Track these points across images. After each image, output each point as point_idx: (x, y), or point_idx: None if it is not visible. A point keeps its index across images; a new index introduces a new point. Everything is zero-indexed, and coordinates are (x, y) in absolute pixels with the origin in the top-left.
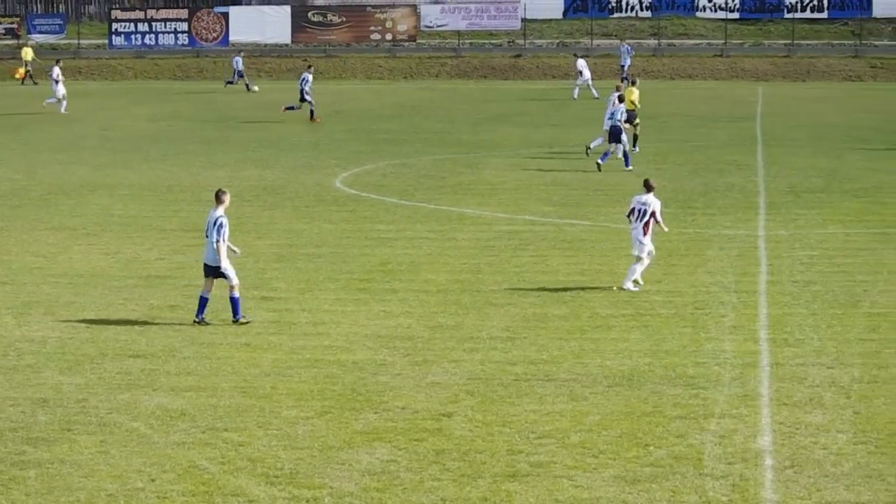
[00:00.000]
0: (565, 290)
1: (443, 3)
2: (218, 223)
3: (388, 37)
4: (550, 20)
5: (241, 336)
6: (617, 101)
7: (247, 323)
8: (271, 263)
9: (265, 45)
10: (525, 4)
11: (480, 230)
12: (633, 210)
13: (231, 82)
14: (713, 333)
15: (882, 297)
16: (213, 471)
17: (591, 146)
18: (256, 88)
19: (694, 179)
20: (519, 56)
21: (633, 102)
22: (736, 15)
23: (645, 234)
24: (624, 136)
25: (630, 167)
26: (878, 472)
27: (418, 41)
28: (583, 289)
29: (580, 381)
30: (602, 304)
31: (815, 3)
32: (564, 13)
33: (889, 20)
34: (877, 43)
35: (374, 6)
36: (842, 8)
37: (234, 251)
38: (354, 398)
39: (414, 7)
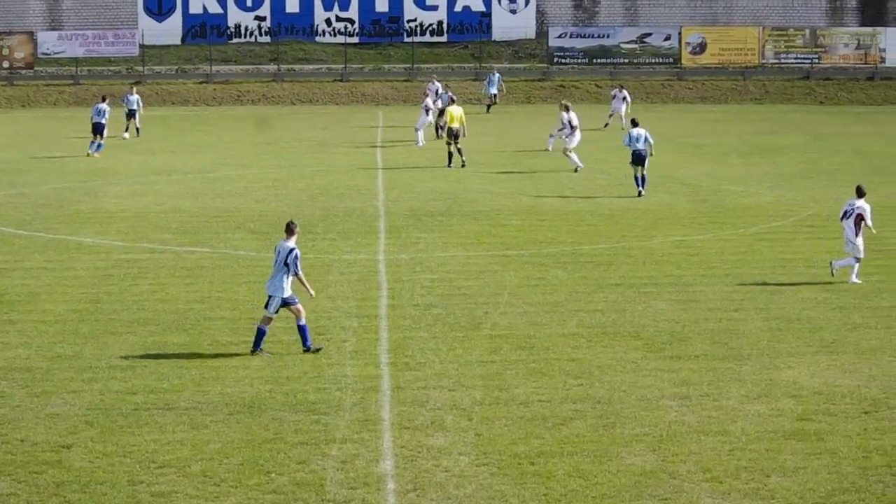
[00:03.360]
0: (185, 317)
1: (60, 29)
2: (294, 255)
3: (5, 64)
4: (169, 46)
5: None
6: (630, 126)
7: (317, 350)
8: None
9: None
10: (143, 31)
11: (99, 259)
12: (845, 212)
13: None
14: (334, 359)
15: (503, 318)
16: None
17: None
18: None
19: (314, 204)
20: (138, 83)
21: (460, 119)
22: (356, 39)
23: (857, 234)
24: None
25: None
26: (501, 493)
27: (36, 69)
28: (203, 316)
29: (201, 410)
30: (223, 331)
31: (435, 26)
32: (183, 39)
33: (508, 43)
34: (497, 66)
35: None
36: (461, 31)
37: (311, 294)
38: None
39: (31, 34)
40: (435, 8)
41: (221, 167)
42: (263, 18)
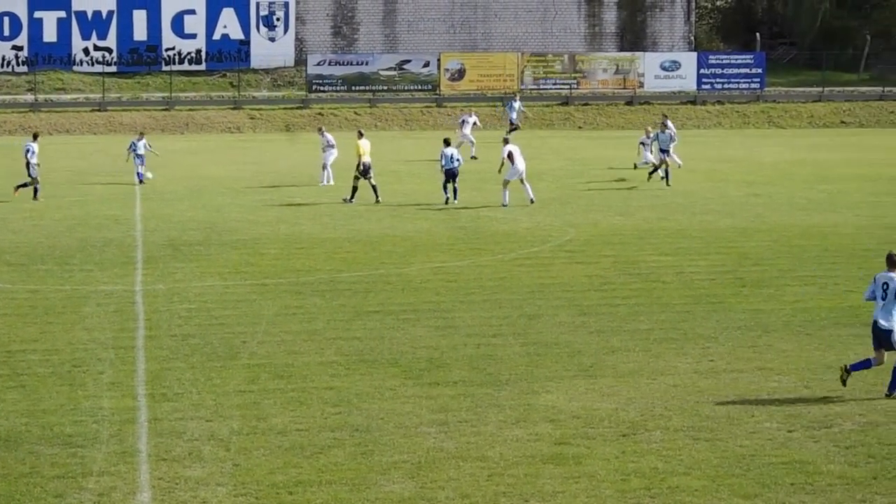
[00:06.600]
0: None
1: None
2: None
3: None
4: None
5: None
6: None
7: None
8: None
9: None
10: None
11: None
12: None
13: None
14: (91, 391)
15: (260, 347)
16: None
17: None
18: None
19: (71, 235)
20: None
21: (370, 153)
22: (114, 68)
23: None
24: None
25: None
26: None
27: None
28: None
29: None
30: None
31: (194, 55)
32: None
33: (267, 71)
34: (255, 94)
35: None
36: (220, 59)
37: None
38: None
39: None
40: (193, 36)
41: None
42: (21, 48)
